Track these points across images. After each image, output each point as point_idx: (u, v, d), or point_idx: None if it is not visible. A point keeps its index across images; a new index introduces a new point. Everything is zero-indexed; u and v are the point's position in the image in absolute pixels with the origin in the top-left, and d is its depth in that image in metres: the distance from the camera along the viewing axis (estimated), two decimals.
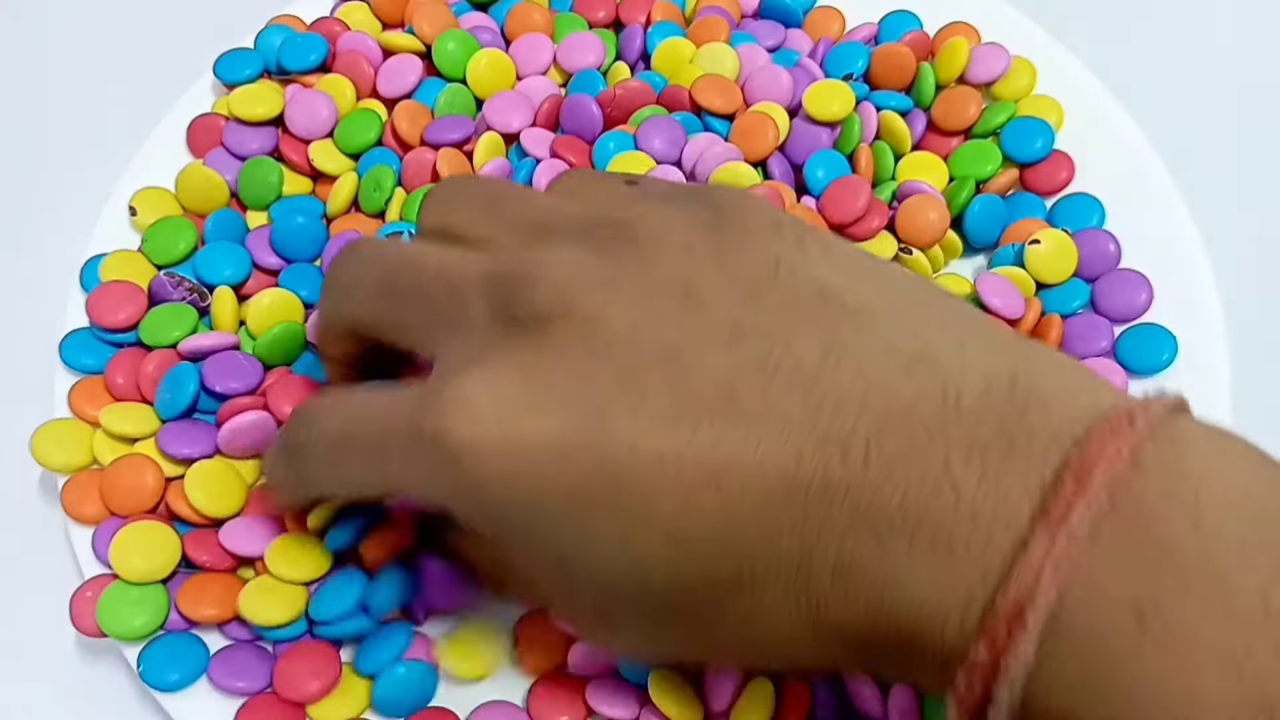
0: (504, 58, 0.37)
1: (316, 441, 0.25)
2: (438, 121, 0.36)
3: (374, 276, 0.25)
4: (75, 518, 0.30)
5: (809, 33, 0.39)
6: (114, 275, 0.34)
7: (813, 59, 0.38)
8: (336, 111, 0.36)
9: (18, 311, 0.37)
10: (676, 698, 0.27)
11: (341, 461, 0.24)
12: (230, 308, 0.33)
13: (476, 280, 0.23)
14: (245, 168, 0.35)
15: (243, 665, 0.28)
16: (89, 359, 0.32)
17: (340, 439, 0.24)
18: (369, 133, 0.36)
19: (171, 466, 0.30)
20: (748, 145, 0.35)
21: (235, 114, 0.36)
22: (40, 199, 0.39)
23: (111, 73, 0.42)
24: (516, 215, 0.25)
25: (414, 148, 0.36)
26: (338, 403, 0.25)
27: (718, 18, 0.38)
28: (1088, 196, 0.35)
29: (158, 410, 0.31)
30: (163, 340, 0.32)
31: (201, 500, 0.29)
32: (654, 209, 0.23)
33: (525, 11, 0.38)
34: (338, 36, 0.38)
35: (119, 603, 0.28)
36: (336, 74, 0.37)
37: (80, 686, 0.31)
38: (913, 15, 0.39)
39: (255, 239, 0.34)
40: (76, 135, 0.41)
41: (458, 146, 0.35)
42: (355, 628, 0.28)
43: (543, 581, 0.23)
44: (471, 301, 0.23)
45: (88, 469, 0.31)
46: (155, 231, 0.34)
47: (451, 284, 0.23)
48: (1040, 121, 0.36)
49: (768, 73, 0.36)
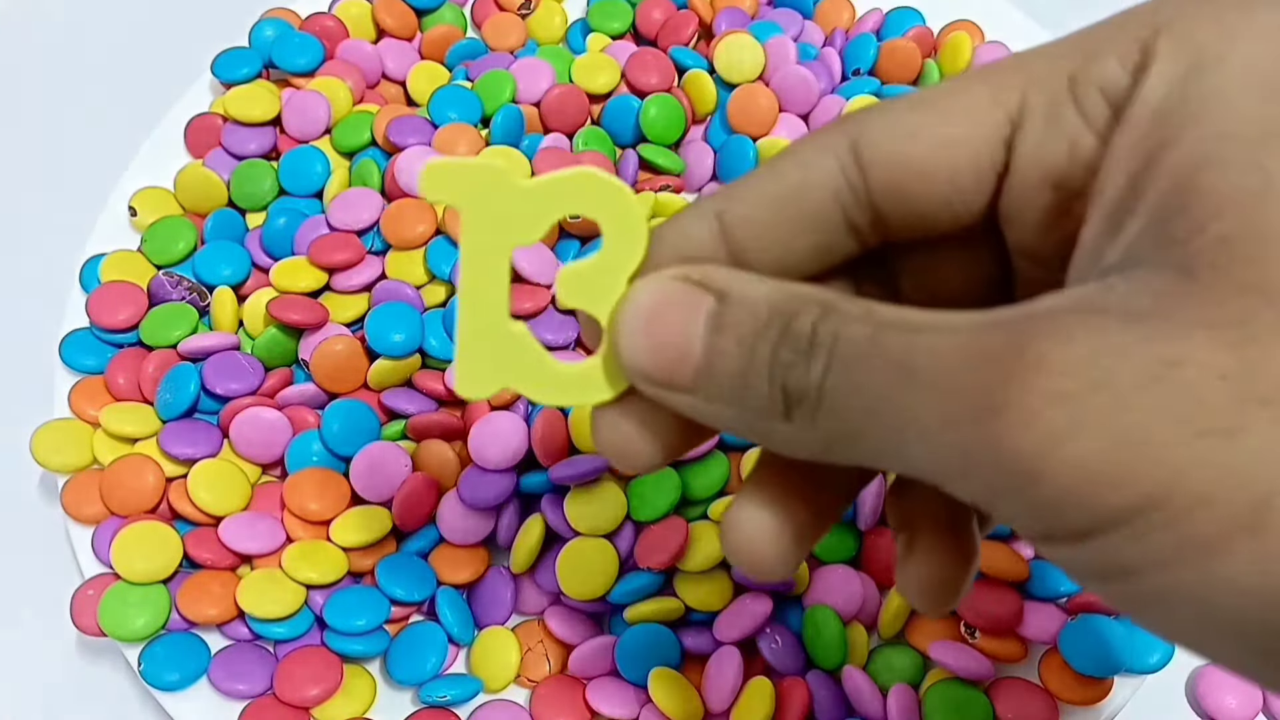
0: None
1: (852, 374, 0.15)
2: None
3: None
4: (75, 518, 0.30)
5: (819, 23, 0.39)
6: (114, 275, 0.34)
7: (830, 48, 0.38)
8: (332, 113, 0.36)
9: (18, 312, 0.37)
10: (676, 698, 0.27)
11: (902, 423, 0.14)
12: (230, 308, 0.33)
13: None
14: (238, 170, 0.36)
15: (243, 668, 0.28)
16: (89, 359, 0.32)
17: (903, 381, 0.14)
18: (364, 133, 0.36)
19: (172, 466, 0.30)
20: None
21: (232, 115, 0.36)
22: (40, 199, 0.39)
23: (110, 73, 0.42)
24: None
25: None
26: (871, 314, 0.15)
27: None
28: None
29: (158, 410, 0.31)
30: (163, 340, 0.32)
31: (206, 499, 0.29)
32: None
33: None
34: (332, 33, 0.38)
35: (120, 603, 0.28)
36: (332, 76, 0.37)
37: (80, 686, 0.31)
38: (916, 12, 0.39)
39: (254, 239, 0.34)
40: (75, 136, 0.41)
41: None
42: (373, 647, 0.29)
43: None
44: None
45: (88, 469, 0.31)
46: (155, 231, 0.34)
47: None
48: None
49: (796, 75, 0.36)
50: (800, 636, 0.28)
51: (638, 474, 0.22)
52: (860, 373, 0.15)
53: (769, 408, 0.16)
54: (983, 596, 0.28)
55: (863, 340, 0.15)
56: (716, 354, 0.16)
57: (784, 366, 0.15)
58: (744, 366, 0.16)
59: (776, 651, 0.28)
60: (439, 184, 0.17)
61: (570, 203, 0.17)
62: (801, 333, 0.15)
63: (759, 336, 0.16)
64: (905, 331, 0.15)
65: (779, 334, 0.16)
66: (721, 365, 0.16)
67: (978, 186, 0.17)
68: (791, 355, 0.15)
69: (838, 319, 0.15)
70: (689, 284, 0.17)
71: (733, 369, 0.16)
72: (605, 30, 0.39)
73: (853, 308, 0.15)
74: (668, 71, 0.37)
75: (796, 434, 0.16)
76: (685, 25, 0.38)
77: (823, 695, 0.27)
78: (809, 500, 0.18)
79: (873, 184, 0.17)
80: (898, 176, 0.17)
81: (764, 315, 0.16)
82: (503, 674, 0.29)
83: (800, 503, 0.18)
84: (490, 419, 0.30)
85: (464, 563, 0.30)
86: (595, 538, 0.29)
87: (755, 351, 0.16)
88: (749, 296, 0.16)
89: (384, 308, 0.32)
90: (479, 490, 0.29)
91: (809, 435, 0.16)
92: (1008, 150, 0.17)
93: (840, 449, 0.15)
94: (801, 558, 0.18)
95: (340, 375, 0.31)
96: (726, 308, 0.16)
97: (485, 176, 0.17)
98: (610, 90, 0.37)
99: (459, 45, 0.38)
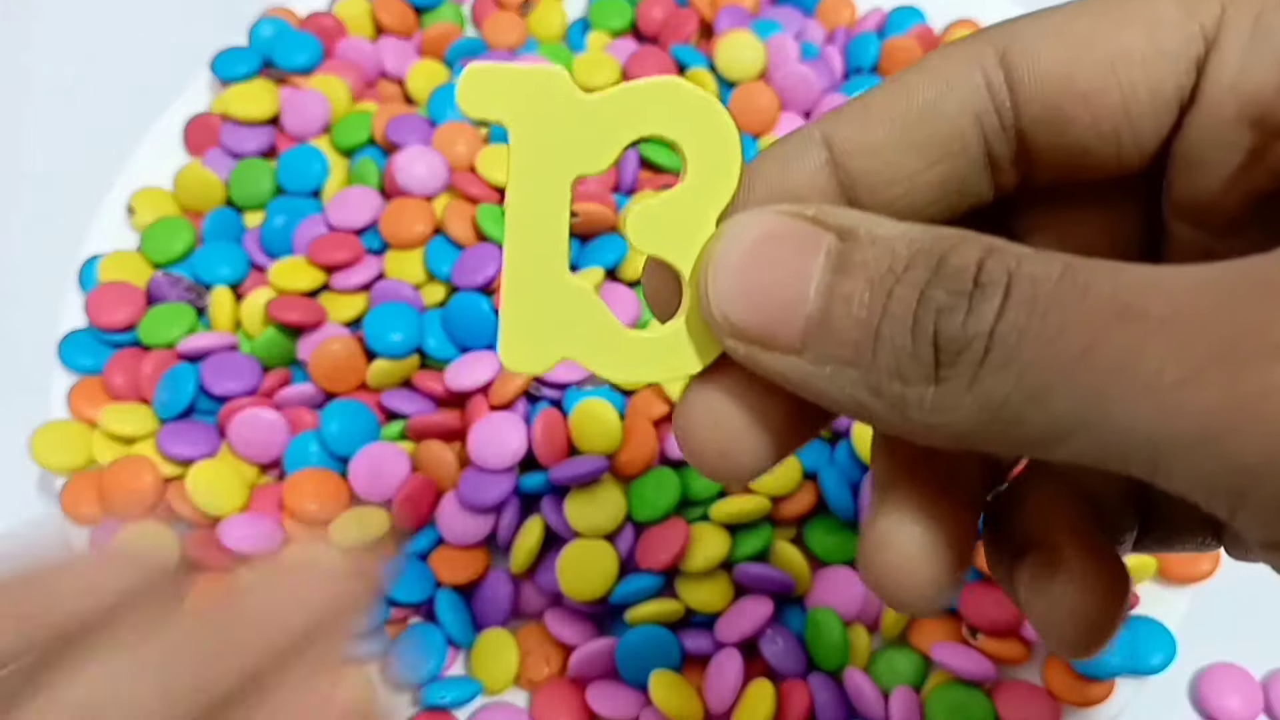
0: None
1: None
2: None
3: None
4: (74, 518, 0.30)
5: (820, 20, 0.39)
6: (112, 275, 0.33)
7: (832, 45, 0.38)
8: (330, 111, 0.36)
9: (16, 312, 0.37)
10: (677, 700, 0.27)
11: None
12: (228, 307, 0.33)
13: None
14: (236, 169, 0.35)
15: None
16: (87, 359, 0.32)
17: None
18: (362, 132, 0.36)
19: (170, 467, 0.30)
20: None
21: (231, 114, 0.36)
22: (38, 199, 0.39)
23: (109, 72, 0.42)
24: None
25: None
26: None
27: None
28: None
29: (156, 410, 0.31)
30: (161, 340, 0.32)
31: (205, 499, 0.29)
32: None
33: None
34: (331, 32, 0.38)
35: None
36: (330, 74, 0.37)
37: None
38: (917, 10, 0.39)
39: (253, 238, 0.34)
40: (73, 135, 0.41)
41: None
42: (372, 648, 0.29)
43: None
44: None
45: (86, 470, 0.31)
46: (153, 231, 0.34)
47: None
48: None
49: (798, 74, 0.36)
50: (802, 638, 0.28)
51: (738, 484, 0.16)
52: (1052, 313, 0.11)
53: (910, 366, 0.12)
54: (984, 598, 0.28)
55: (1054, 275, 0.11)
56: (839, 299, 0.12)
57: (938, 310, 0.12)
58: (876, 314, 0.12)
59: (778, 653, 0.28)
60: (481, 94, 0.14)
61: (647, 120, 0.14)
62: (963, 268, 0.12)
63: (900, 278, 0.12)
64: (1111, 268, 0.11)
65: (930, 271, 0.12)
66: (844, 314, 0.12)
67: (1155, 116, 0.14)
68: (948, 297, 0.12)
69: (1012, 255, 0.12)
70: (802, 219, 0.13)
71: (860, 317, 0.12)
72: (605, 28, 0.39)
73: (1026, 249, 0.12)
74: (668, 69, 0.37)
75: (944, 401, 0.12)
76: (686, 23, 0.38)
77: (824, 697, 0.27)
78: (952, 510, 0.14)
79: (1024, 105, 0.14)
80: (1057, 96, 0.14)
81: (904, 253, 0.12)
82: (502, 676, 0.29)
83: (947, 512, 0.14)
84: (490, 419, 0.30)
85: (463, 564, 0.29)
86: (595, 539, 0.29)
87: (895, 295, 0.12)
88: (883, 235, 0.13)
89: (382, 307, 0.31)
90: (478, 491, 0.29)
91: (962, 402, 0.12)
92: (1198, 73, 0.13)
93: (1004, 421, 0.12)
94: (959, 581, 0.14)
95: (339, 375, 0.31)
96: (853, 245, 0.13)
97: (541, 83, 0.14)
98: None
99: (458, 43, 0.38)
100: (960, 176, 0.14)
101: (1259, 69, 0.13)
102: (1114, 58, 0.13)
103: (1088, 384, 0.11)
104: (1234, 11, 0.13)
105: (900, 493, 0.14)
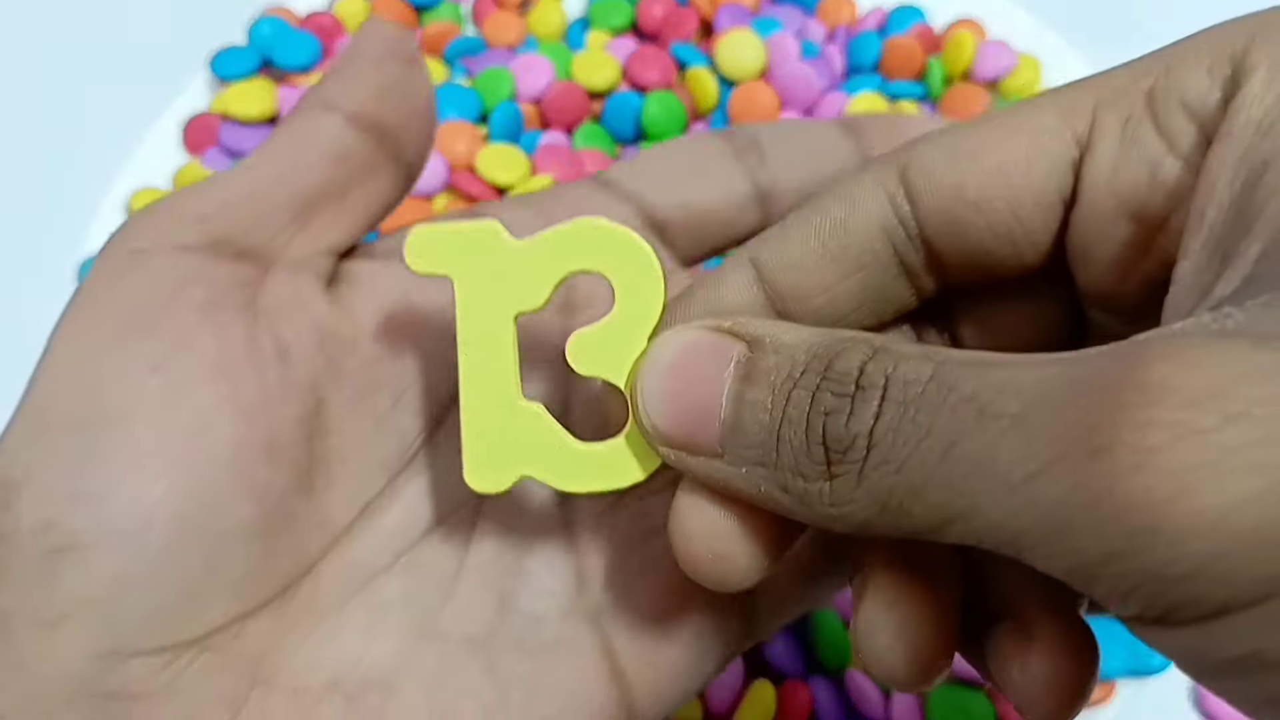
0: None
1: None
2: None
3: None
4: None
5: (821, 19, 0.39)
6: None
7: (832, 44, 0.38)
8: None
9: (15, 312, 0.37)
10: None
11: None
12: None
13: None
14: None
15: None
16: None
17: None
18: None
19: None
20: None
21: (231, 113, 0.36)
22: (37, 198, 0.39)
23: (107, 71, 0.42)
24: None
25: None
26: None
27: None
28: None
29: None
30: None
31: None
32: None
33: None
34: (331, 31, 0.38)
35: None
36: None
37: None
38: (918, 9, 0.39)
39: None
40: (72, 134, 0.40)
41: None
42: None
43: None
44: None
45: None
46: None
47: None
48: None
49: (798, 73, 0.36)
50: (802, 638, 0.28)
51: (736, 589, 0.15)
52: (921, 414, 0.12)
53: (806, 464, 0.13)
54: None
55: (924, 378, 0.12)
56: (746, 404, 0.14)
57: (825, 413, 0.13)
58: (777, 418, 0.13)
59: (778, 653, 0.28)
60: (425, 253, 0.16)
61: (574, 258, 0.16)
62: (846, 372, 0.13)
63: (796, 383, 0.13)
64: (977, 366, 0.12)
65: (819, 376, 0.13)
66: (751, 418, 0.14)
67: (1042, 218, 0.15)
68: (834, 400, 0.13)
69: (891, 358, 0.13)
70: (718, 332, 0.14)
71: (763, 421, 0.13)
72: (605, 26, 0.39)
73: (910, 348, 0.13)
74: (668, 68, 0.37)
75: (840, 495, 0.13)
76: (686, 21, 0.38)
77: (825, 697, 0.27)
78: (933, 590, 0.15)
79: (925, 216, 0.15)
80: (951, 206, 0.15)
81: (802, 359, 0.14)
82: None
83: (929, 595, 0.15)
84: None
85: None
86: None
87: (791, 398, 0.13)
88: (786, 341, 0.14)
89: None
90: None
91: (855, 496, 0.13)
92: (1076, 175, 0.15)
93: (893, 512, 0.13)
94: (950, 657, 0.15)
95: None
96: (759, 354, 0.14)
97: (475, 239, 0.16)
98: (610, 87, 0.37)
99: (458, 41, 0.38)
100: (877, 284, 0.16)
101: (1130, 168, 0.14)
102: (999, 166, 0.15)
103: (952, 481, 0.12)
104: (1104, 117, 0.14)
105: (881, 579, 0.15)
